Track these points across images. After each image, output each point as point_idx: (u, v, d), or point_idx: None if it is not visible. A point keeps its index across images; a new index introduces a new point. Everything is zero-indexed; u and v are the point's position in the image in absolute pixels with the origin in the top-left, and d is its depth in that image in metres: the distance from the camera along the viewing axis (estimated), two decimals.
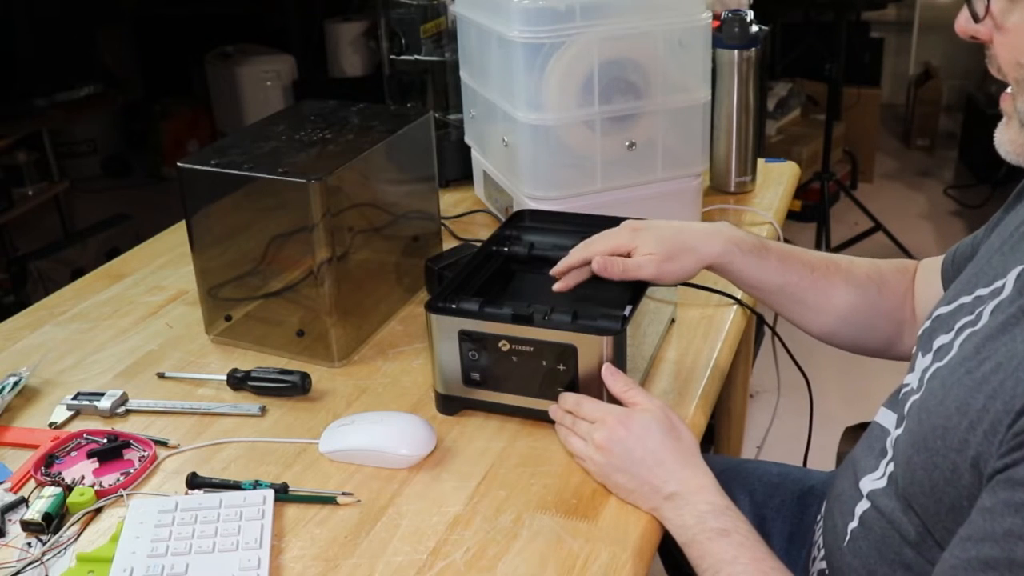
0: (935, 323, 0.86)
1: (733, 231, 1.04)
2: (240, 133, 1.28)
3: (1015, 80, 0.74)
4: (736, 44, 1.52)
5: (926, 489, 0.75)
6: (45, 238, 3.50)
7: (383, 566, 0.85)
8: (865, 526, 0.85)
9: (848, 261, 1.07)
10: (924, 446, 0.75)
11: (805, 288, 1.04)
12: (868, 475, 0.87)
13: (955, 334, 0.80)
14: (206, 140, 4.52)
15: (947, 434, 0.72)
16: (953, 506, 0.71)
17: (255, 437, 1.04)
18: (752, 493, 1.17)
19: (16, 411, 1.11)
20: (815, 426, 1.44)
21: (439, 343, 1.02)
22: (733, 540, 0.83)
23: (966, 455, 0.69)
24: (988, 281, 0.80)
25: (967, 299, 0.82)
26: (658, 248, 1.01)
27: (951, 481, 0.71)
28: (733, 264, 1.02)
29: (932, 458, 0.73)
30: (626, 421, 0.92)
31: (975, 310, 0.79)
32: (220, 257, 1.19)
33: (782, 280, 1.04)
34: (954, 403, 0.72)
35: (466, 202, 1.64)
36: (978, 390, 0.70)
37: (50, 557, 0.88)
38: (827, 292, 1.04)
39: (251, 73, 4.25)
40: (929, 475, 0.74)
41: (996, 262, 0.82)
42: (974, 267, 0.87)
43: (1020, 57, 0.72)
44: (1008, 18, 0.72)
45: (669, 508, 0.88)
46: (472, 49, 1.52)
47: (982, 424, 0.68)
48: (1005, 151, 0.77)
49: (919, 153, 4.49)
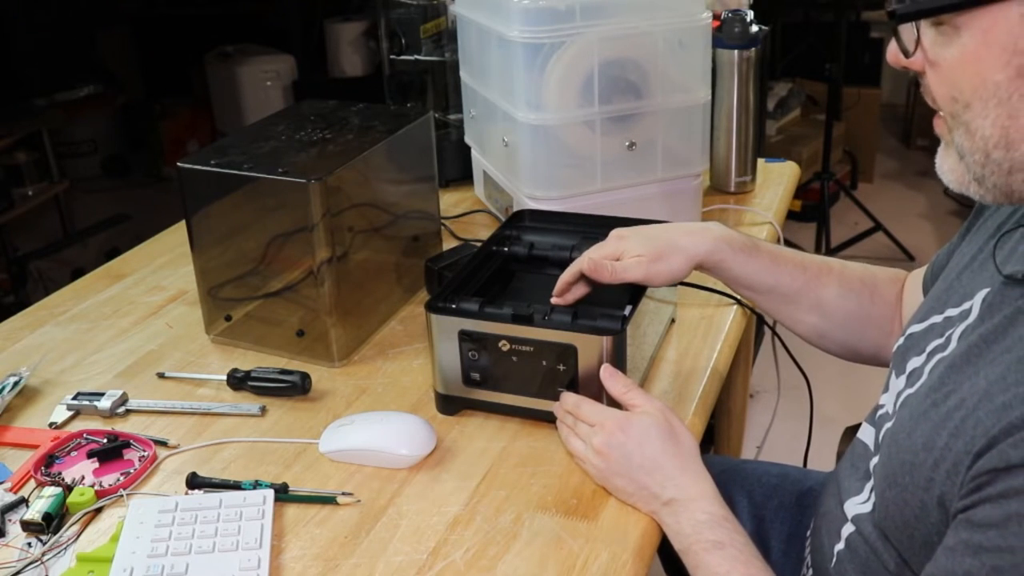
0: (908, 342, 0.85)
1: (723, 230, 1.03)
2: (240, 133, 1.28)
3: (950, 114, 0.71)
4: (736, 44, 1.52)
5: (899, 524, 0.75)
6: (45, 238, 3.50)
7: (383, 566, 0.85)
8: (851, 549, 0.85)
9: (841, 265, 1.07)
10: (895, 481, 0.75)
11: (797, 288, 1.03)
12: (853, 498, 0.87)
13: (926, 358, 0.80)
14: (206, 140, 4.52)
15: (914, 471, 0.72)
16: (925, 542, 0.72)
17: (255, 437, 1.04)
18: (751, 494, 1.17)
19: (16, 411, 1.11)
20: (815, 426, 1.44)
21: (439, 343, 1.02)
22: (727, 554, 0.83)
23: (932, 494, 0.70)
24: (958, 300, 0.80)
25: (938, 319, 0.82)
26: (645, 249, 1.00)
27: (921, 518, 0.72)
28: (724, 262, 1.01)
29: (902, 494, 0.74)
30: (624, 426, 0.92)
31: (944, 332, 0.79)
32: (220, 257, 1.19)
33: (774, 280, 1.03)
34: (920, 439, 0.72)
35: (466, 202, 1.64)
36: (942, 427, 0.70)
37: (50, 557, 0.88)
38: (819, 293, 1.04)
39: (251, 73, 4.25)
40: (901, 511, 0.74)
41: (965, 279, 0.81)
42: (945, 282, 0.86)
43: (955, 93, 0.69)
44: (940, 53, 0.69)
45: (667, 514, 0.88)
46: (472, 49, 1.52)
47: (944, 463, 0.68)
48: (947, 180, 0.75)
49: (919, 153, 4.49)
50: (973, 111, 0.68)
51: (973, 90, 0.67)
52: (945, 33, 0.68)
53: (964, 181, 0.73)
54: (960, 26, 0.67)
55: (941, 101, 0.71)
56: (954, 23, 0.67)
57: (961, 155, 0.71)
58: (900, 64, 0.73)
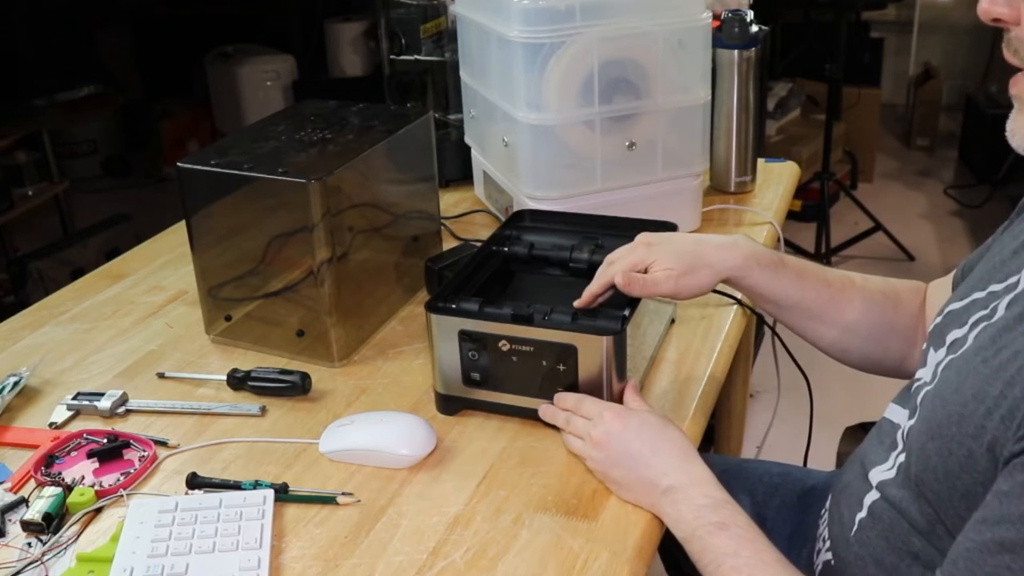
0: (947, 319, 0.85)
1: (751, 244, 1.03)
2: (240, 133, 1.28)
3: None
4: (736, 44, 1.52)
5: (940, 475, 0.75)
6: (45, 238, 3.50)
7: (383, 566, 0.85)
8: (874, 516, 0.85)
9: (862, 278, 1.06)
10: (939, 433, 0.75)
11: (822, 303, 1.03)
12: (878, 466, 0.87)
13: (969, 328, 0.80)
14: (206, 140, 4.52)
15: (963, 421, 0.72)
16: (967, 492, 0.71)
17: (255, 437, 1.04)
18: (752, 493, 1.17)
19: (16, 411, 1.11)
20: (815, 426, 1.44)
21: (439, 343, 1.02)
22: (733, 533, 0.83)
23: (982, 441, 0.69)
24: (1002, 278, 0.80)
25: (980, 295, 0.82)
26: (676, 263, 0.99)
27: (966, 467, 0.71)
28: (751, 278, 1.01)
29: (947, 444, 0.73)
30: (622, 416, 0.93)
31: (989, 305, 0.79)
32: (220, 257, 1.19)
33: (799, 295, 1.02)
34: (970, 390, 0.72)
35: (466, 202, 1.64)
36: (995, 377, 0.70)
37: (50, 557, 0.88)
38: (843, 308, 1.03)
39: (251, 73, 4.25)
40: (944, 461, 0.74)
41: (1011, 261, 0.81)
42: (986, 265, 0.86)
43: None
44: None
45: (667, 503, 0.88)
46: (472, 49, 1.52)
47: (999, 410, 0.68)
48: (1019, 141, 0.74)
49: (919, 153, 4.49)
50: None
51: None
52: None
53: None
54: None
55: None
56: None
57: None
58: (992, 15, 0.73)
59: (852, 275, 1.07)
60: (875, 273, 1.08)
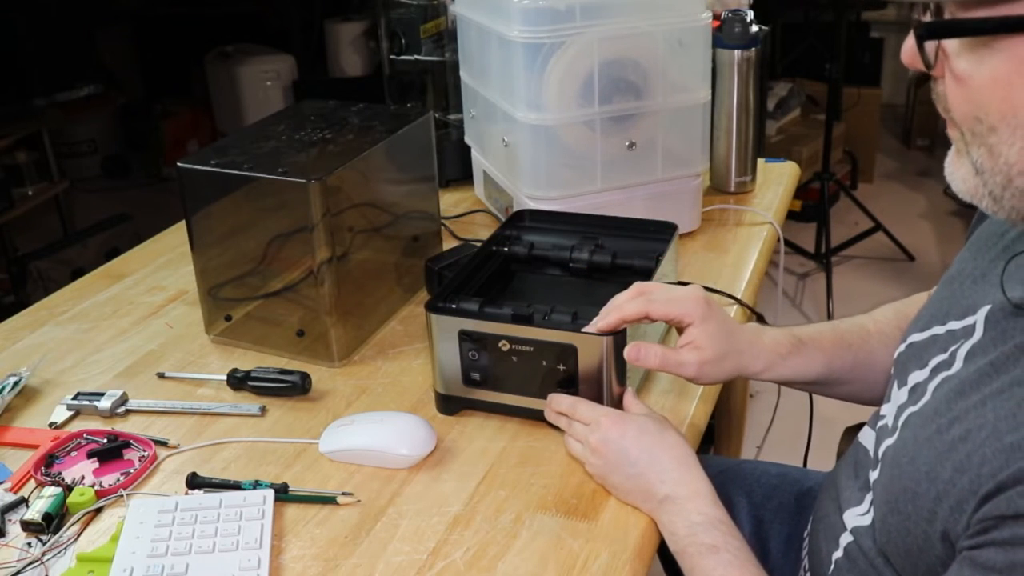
0: (910, 351, 0.84)
1: (770, 335, 0.99)
2: (240, 133, 1.28)
3: (971, 131, 0.66)
4: (736, 44, 1.52)
5: (902, 552, 0.74)
6: (45, 238, 3.50)
7: (383, 566, 0.85)
8: (850, 559, 0.84)
9: (873, 321, 1.03)
10: (897, 508, 0.74)
11: (848, 369, 1.00)
12: (852, 508, 0.86)
13: (930, 374, 0.78)
14: (206, 140, 4.52)
15: (916, 500, 0.71)
16: (929, 570, 0.71)
17: (255, 437, 1.04)
18: (750, 495, 1.17)
19: (16, 411, 1.11)
20: (815, 426, 1.44)
21: (439, 343, 1.02)
22: (722, 559, 0.82)
23: (936, 527, 0.69)
24: (960, 314, 0.78)
25: (940, 330, 0.80)
26: (710, 346, 0.94)
27: (924, 549, 0.71)
28: (775, 373, 0.98)
29: (905, 523, 0.73)
30: (620, 423, 0.92)
31: (948, 348, 0.77)
32: (220, 257, 1.19)
33: (826, 369, 1.00)
34: (923, 467, 0.71)
35: (466, 202, 1.64)
36: (946, 457, 0.69)
37: (50, 557, 0.88)
38: (871, 365, 1.01)
39: (251, 73, 4.25)
40: (904, 539, 0.73)
41: (968, 289, 0.80)
42: (947, 288, 0.84)
43: (979, 113, 0.65)
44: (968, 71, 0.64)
45: (663, 512, 0.88)
46: (472, 49, 1.52)
47: (948, 499, 0.67)
48: (958, 187, 0.70)
49: (919, 153, 4.49)
50: (999, 135, 0.64)
51: (1001, 116, 0.63)
52: (976, 50, 0.63)
53: (978, 194, 0.69)
54: (995, 47, 0.62)
55: (960, 118, 0.67)
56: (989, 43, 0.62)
57: (979, 171, 0.67)
58: (915, 68, 0.69)
59: (864, 322, 1.03)
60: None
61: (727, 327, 0.97)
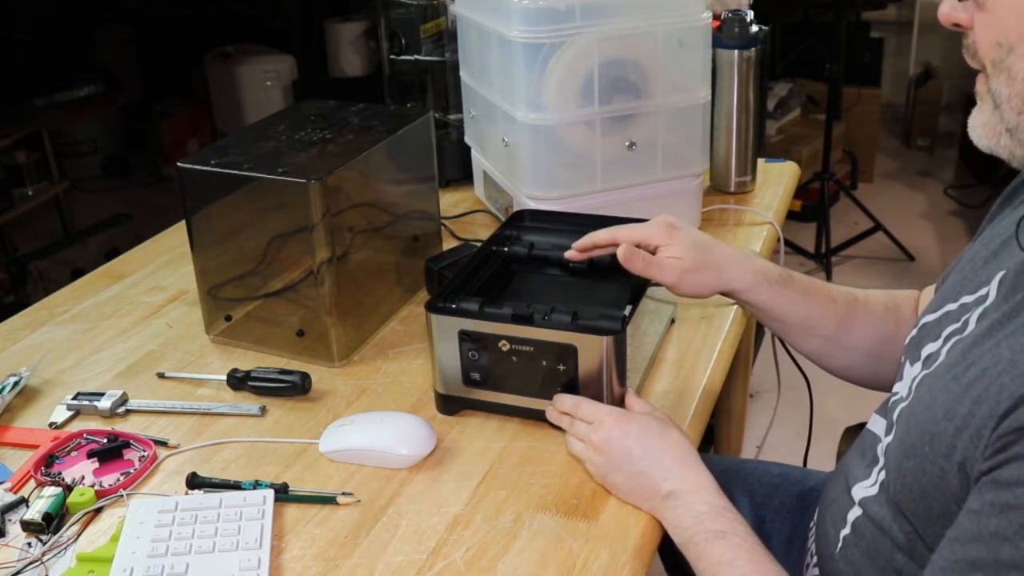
0: (922, 331, 0.85)
1: (761, 260, 1.02)
2: (240, 133, 1.28)
3: (992, 62, 0.71)
4: (736, 44, 1.52)
5: (916, 495, 0.75)
6: (45, 238, 3.50)
7: (383, 566, 0.85)
8: (857, 533, 0.85)
9: (864, 294, 1.06)
10: (913, 452, 0.75)
11: (828, 322, 1.02)
12: (860, 483, 0.87)
13: (943, 341, 0.80)
14: (206, 140, 4.52)
15: (935, 440, 0.72)
16: (943, 511, 0.71)
17: (255, 437, 1.04)
18: (752, 494, 1.17)
19: (16, 411, 1.11)
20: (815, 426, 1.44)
21: (439, 343, 1.02)
22: (731, 542, 0.83)
23: (953, 460, 0.69)
24: (973, 289, 0.80)
25: (952, 306, 0.82)
26: (687, 255, 0.98)
27: (940, 487, 0.71)
28: (759, 294, 1.00)
29: (921, 464, 0.73)
30: (623, 421, 0.93)
31: (961, 317, 0.79)
32: (220, 257, 1.19)
33: (806, 313, 1.01)
34: (941, 409, 0.72)
35: (466, 202, 1.64)
36: (964, 395, 0.70)
37: (50, 557, 0.88)
38: (851, 326, 1.02)
39: (251, 73, 4.25)
40: (919, 481, 0.74)
41: (980, 271, 0.81)
42: (959, 275, 0.86)
43: (999, 37, 0.70)
44: None
45: (667, 508, 0.88)
46: (472, 49, 1.52)
47: (968, 429, 0.68)
48: (977, 135, 0.74)
49: (919, 153, 4.49)
50: (1016, 54, 0.69)
51: (1019, 33, 0.68)
52: None
53: (996, 132, 0.72)
54: None
55: (984, 50, 0.72)
56: None
57: (997, 103, 0.72)
58: (951, 20, 0.74)
59: (856, 292, 1.06)
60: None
61: (700, 241, 1.01)
